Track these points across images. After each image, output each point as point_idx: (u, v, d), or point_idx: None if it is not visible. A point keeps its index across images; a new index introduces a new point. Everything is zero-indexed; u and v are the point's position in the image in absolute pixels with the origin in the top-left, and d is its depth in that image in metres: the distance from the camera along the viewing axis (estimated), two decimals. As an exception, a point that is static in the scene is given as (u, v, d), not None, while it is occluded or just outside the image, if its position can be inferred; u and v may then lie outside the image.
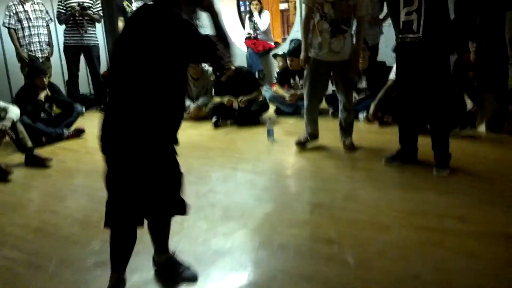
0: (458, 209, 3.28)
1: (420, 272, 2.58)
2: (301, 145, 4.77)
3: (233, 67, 5.98)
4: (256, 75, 7.28)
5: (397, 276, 2.55)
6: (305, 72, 4.65)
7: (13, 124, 4.76)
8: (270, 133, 5.16)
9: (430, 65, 3.79)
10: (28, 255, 3.04)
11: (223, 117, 6.05)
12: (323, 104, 5.44)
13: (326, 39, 4.36)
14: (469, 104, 5.02)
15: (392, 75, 5.30)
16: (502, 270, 2.55)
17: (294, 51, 5.85)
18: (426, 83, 3.85)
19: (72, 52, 7.02)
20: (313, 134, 4.81)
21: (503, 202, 3.34)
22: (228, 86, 6.10)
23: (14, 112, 4.84)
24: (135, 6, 7.31)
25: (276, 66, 7.46)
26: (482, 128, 5.01)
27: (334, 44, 4.35)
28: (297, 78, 6.24)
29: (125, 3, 7.31)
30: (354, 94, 5.60)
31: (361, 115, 5.65)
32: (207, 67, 6.61)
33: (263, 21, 7.85)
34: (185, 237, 3.09)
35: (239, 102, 5.99)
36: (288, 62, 6.25)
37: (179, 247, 2.87)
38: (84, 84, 7.80)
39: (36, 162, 4.80)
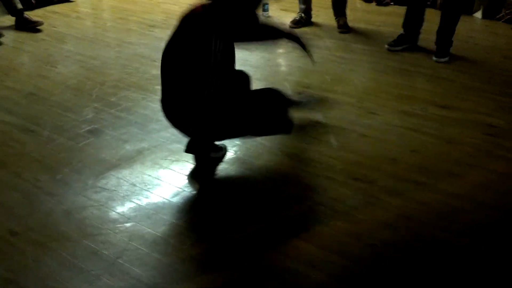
0: (442, 96, 3.36)
1: (398, 155, 2.71)
2: (295, 24, 4.71)
3: None
4: None
5: (375, 158, 2.68)
6: None
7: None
8: (264, 8, 5.05)
9: None
10: (22, 120, 3.13)
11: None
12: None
13: None
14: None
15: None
16: (476, 159, 2.68)
17: None
18: None
19: None
20: (307, 12, 4.73)
21: (489, 91, 3.42)
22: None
23: None
24: None
25: None
26: (478, 15, 4.94)
27: None
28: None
29: None
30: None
31: (359, -6, 5.51)
32: None
33: None
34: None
35: None
36: None
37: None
38: None
39: (26, 25, 4.71)
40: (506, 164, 2.63)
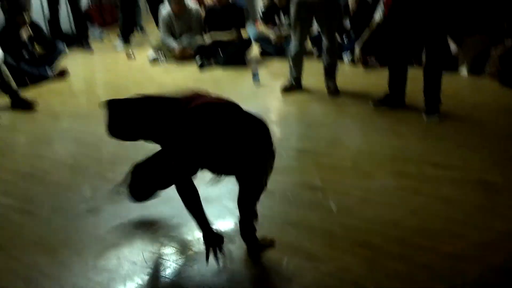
0: (436, 155, 3.40)
1: (399, 218, 2.70)
2: (287, 91, 4.82)
3: None
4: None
5: (377, 223, 2.67)
6: (290, 13, 4.66)
7: (-3, 66, 4.71)
8: (255, 76, 5.17)
9: (431, 4, 3.78)
10: (20, 201, 3.12)
11: (207, 57, 6.00)
12: (309, 46, 5.44)
13: None
14: (452, 47, 5.06)
15: (378, 15, 5.26)
16: (474, 217, 2.68)
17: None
18: (425, 22, 3.84)
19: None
20: (298, 79, 4.84)
21: (480, 147, 3.47)
22: (218, 19, 6.03)
23: None
24: None
25: (261, 1, 7.34)
26: (463, 71, 5.07)
27: None
28: (282, 15, 6.16)
29: None
30: (339, 37, 5.57)
31: (346, 57, 5.65)
32: (189, 4, 6.49)
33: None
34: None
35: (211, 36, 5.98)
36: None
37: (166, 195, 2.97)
38: (65, 21, 7.62)
39: (22, 105, 4.78)
40: (505, 222, 2.63)
